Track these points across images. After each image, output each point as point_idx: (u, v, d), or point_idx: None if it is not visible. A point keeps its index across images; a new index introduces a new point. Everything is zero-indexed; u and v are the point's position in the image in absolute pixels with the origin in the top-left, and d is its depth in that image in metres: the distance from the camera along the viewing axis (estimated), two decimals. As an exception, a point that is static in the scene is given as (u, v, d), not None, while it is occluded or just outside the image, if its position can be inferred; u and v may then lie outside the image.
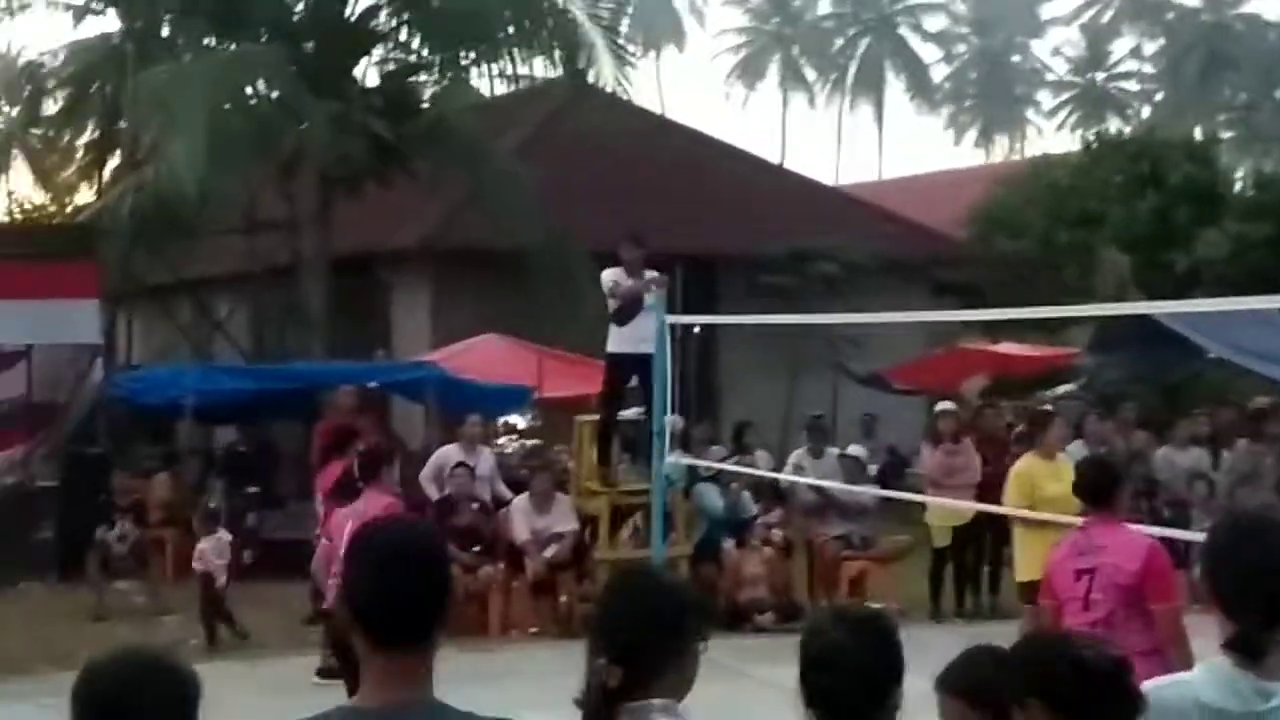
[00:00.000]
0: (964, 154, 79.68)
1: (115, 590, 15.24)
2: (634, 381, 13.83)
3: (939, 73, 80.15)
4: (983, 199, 31.17)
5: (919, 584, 14.96)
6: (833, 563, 14.81)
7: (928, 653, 3.70)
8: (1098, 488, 6.92)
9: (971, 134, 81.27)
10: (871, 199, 30.91)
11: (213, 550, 13.79)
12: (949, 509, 14.42)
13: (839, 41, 78.96)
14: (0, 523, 13.54)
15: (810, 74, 79.73)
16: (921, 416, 21.46)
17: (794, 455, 15.91)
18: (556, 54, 21.35)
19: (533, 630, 13.89)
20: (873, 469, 16.57)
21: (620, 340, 13.47)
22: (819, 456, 15.43)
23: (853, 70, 78.06)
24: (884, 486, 16.43)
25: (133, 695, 2.87)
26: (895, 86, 78.03)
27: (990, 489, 14.32)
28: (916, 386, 22.16)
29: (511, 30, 21.13)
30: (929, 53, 79.27)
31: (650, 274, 13.34)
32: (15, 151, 40.37)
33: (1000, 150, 79.43)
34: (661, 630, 3.44)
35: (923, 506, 15.06)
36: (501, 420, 19.09)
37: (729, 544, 14.50)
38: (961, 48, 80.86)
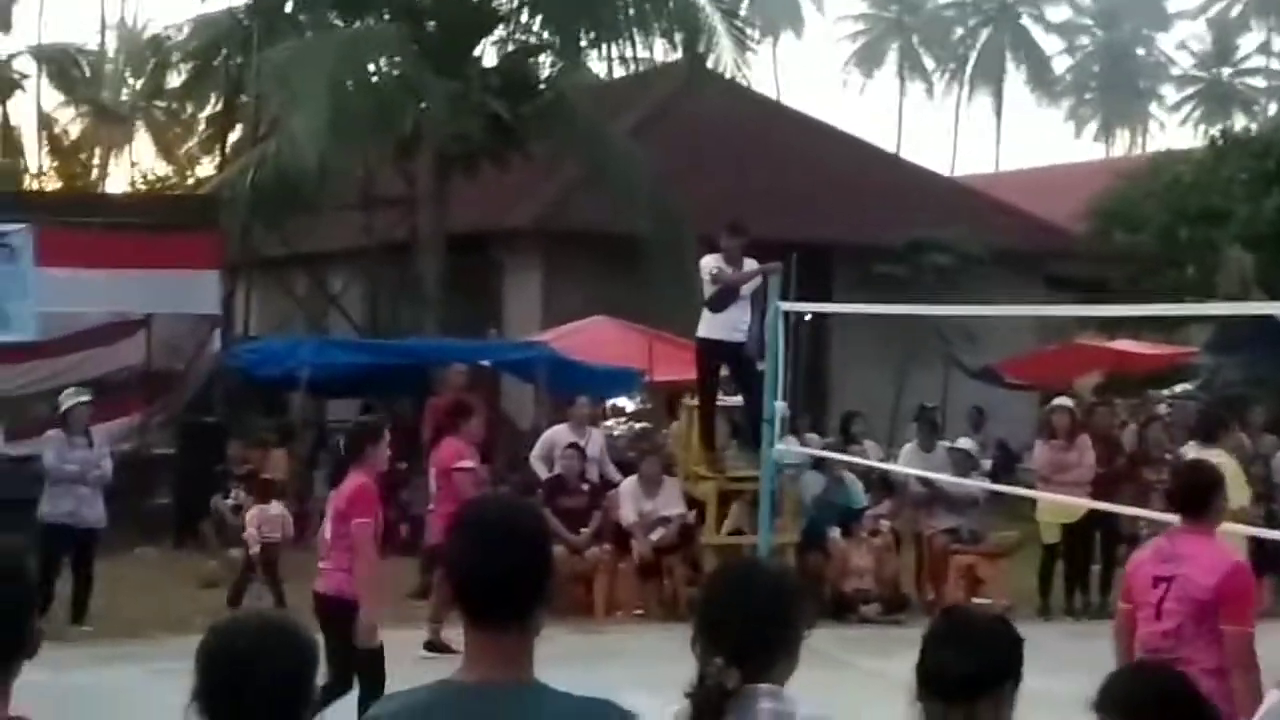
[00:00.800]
0: (1084, 147, 78.57)
1: (228, 557, 15.48)
2: (725, 370, 13.85)
3: (1061, 64, 79.14)
4: (1102, 193, 30.76)
5: (1028, 580, 14.82)
6: (941, 556, 14.71)
7: (1036, 650, 3.67)
8: (1189, 495, 6.59)
9: (1092, 127, 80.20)
10: (988, 190, 30.61)
11: (262, 521, 14.00)
12: (1060, 506, 14.26)
13: (959, 31, 78.16)
14: (117, 488, 13.75)
15: (929, 63, 79.01)
16: (1032, 411, 21.26)
17: (906, 448, 15.83)
18: (676, 37, 21.34)
19: (638, 612, 13.93)
20: (986, 463, 16.45)
21: (712, 326, 13.50)
22: (929, 450, 15.34)
23: (972, 60, 77.26)
24: (994, 481, 16.28)
25: (252, 658, 2.92)
26: (1015, 77, 77.15)
27: (1103, 487, 14.18)
28: (1028, 381, 21.95)
29: (632, 13, 21.13)
30: (1051, 44, 78.29)
31: (751, 262, 13.32)
32: (139, 123, 41.08)
33: (1121, 144, 78.32)
34: (772, 625, 3.46)
35: (1033, 502, 14.91)
36: (610, 402, 19.14)
37: (835, 533, 14.45)
38: (1085, 39, 79.75)
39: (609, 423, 17.75)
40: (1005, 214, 26.69)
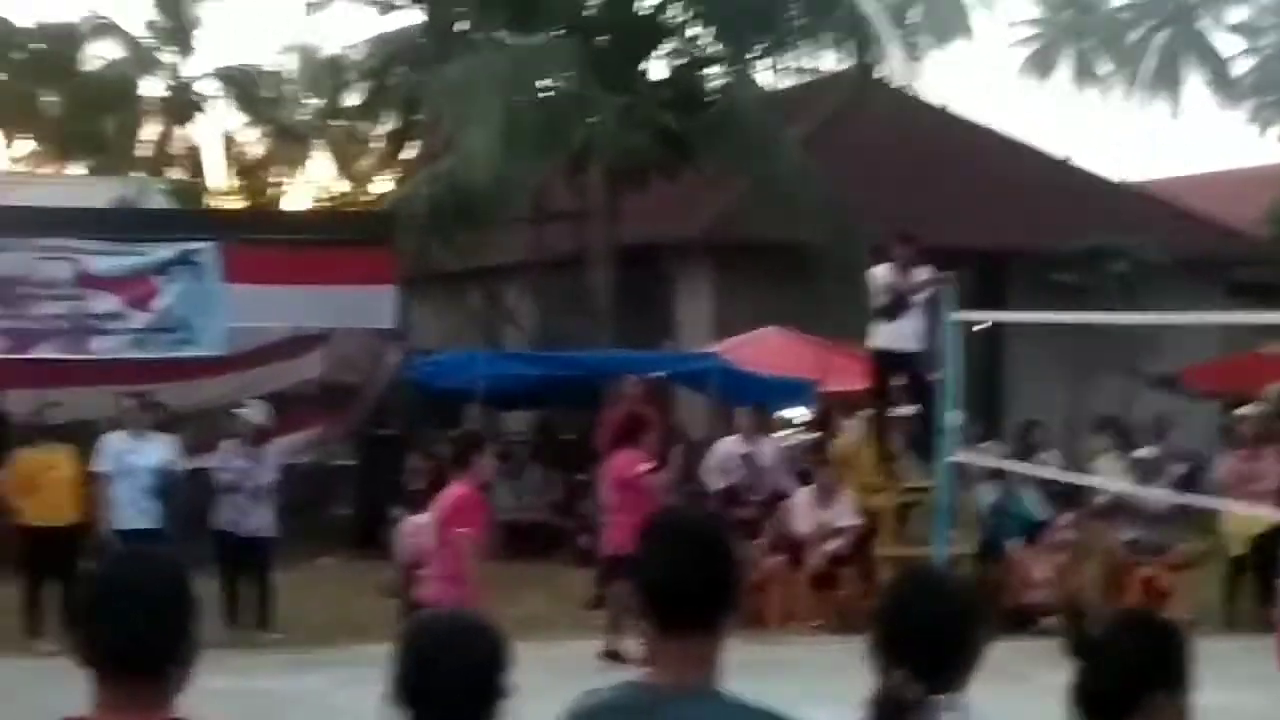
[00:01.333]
0: (1268, 149, 76.45)
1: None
2: (898, 379, 13.75)
3: (1242, 65, 77.14)
4: (1285, 197, 29.93)
5: (1213, 593, 14.46)
6: (1123, 568, 14.43)
7: (1220, 665, 3.56)
8: None
9: (1275, 129, 78.05)
10: (1167, 195, 29.95)
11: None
12: (1247, 517, 13.91)
13: (1135, 34, 76.63)
14: (299, 499, 14.10)
15: (1104, 67, 77.56)
16: (1216, 421, 20.73)
17: (1102, 458, 15.57)
18: (846, 47, 21.24)
19: (814, 624, 13.87)
20: (1175, 470, 16.12)
21: (886, 337, 13.41)
22: (1121, 457, 15.10)
23: (1149, 63, 75.69)
24: (1181, 492, 15.91)
25: (444, 652, 3.05)
26: (1194, 80, 75.36)
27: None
28: (1211, 390, 21.42)
29: (801, 23, 21.09)
30: (1231, 44, 76.35)
31: (923, 271, 13.21)
32: (318, 142, 41.91)
33: (1307, 147, 76.03)
34: (954, 636, 3.40)
35: (1219, 513, 14.56)
36: (781, 413, 19.08)
37: (1015, 545, 14.24)
38: (1267, 40, 77.68)
39: (780, 433, 17.65)
40: (1185, 219, 26.10)
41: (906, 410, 14.17)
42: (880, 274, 13.44)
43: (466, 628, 3.16)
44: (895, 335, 13.33)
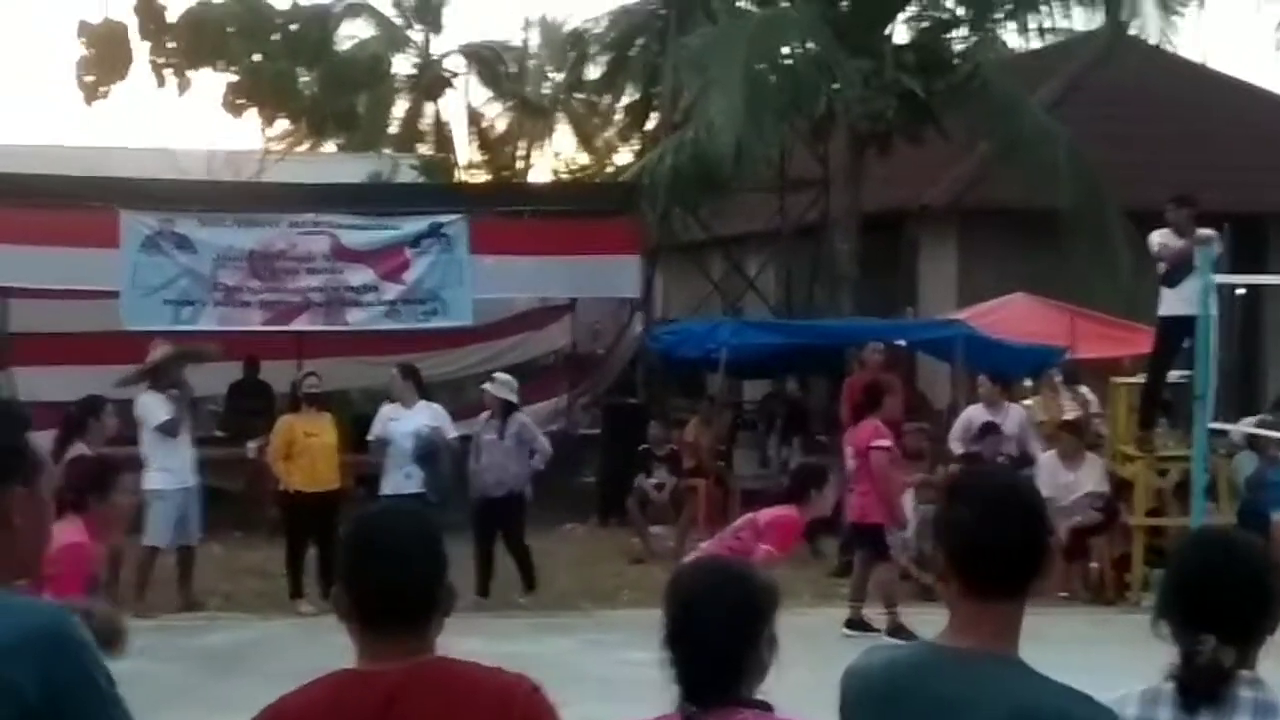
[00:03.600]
0: None
1: (653, 535, 15.91)
2: (1186, 344, 13.36)
3: None
4: None
5: None
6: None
7: None
8: None
9: None
10: None
11: None
12: None
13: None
14: (545, 468, 14.32)
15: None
16: None
17: None
18: (1097, 4, 20.66)
19: (1061, 595, 13.61)
20: None
21: (1171, 303, 13.02)
22: None
23: None
24: None
25: (716, 593, 3.19)
26: None
27: None
28: None
29: (1049, -19, 20.60)
30: None
31: (1203, 232, 12.79)
32: (560, 115, 42.44)
33: None
34: (1263, 603, 3.30)
35: None
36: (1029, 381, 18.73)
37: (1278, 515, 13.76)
38: None
39: (1027, 401, 17.30)
40: None
41: (1176, 375, 13.79)
42: (1154, 241, 13.07)
43: (732, 575, 3.28)
44: (1182, 300, 12.94)
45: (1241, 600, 3.26)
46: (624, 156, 34.79)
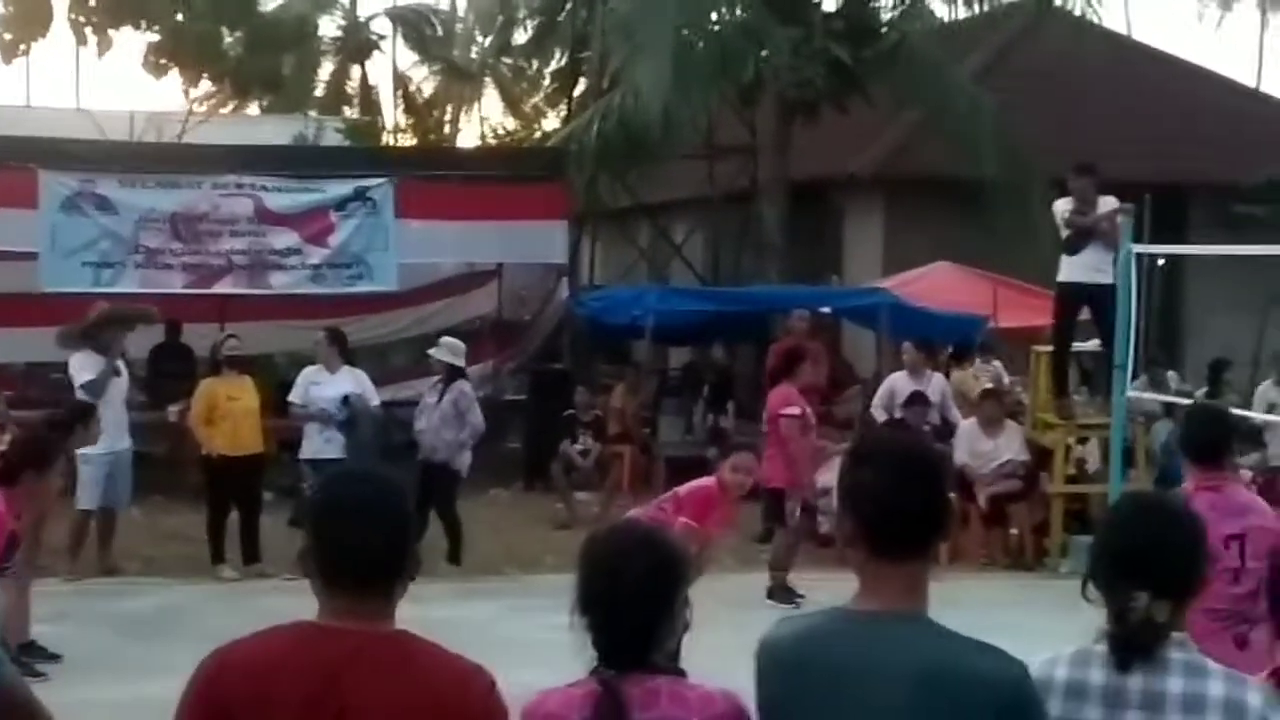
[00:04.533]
0: None
1: (577, 500, 15.92)
2: (1085, 314, 13.50)
3: None
4: None
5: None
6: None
7: None
8: (1212, 442, 5.91)
9: None
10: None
11: None
12: None
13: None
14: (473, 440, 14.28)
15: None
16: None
17: (1261, 388, 15.21)
18: (1022, -27, 20.80)
19: (982, 561, 13.75)
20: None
21: (1070, 269, 13.17)
22: None
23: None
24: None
25: (629, 558, 3.17)
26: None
27: None
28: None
29: (976, -50, 20.69)
30: None
31: (1107, 200, 12.92)
32: (488, 80, 42.23)
33: None
34: (1193, 561, 3.34)
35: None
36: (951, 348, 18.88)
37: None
38: None
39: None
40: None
41: (1088, 345, 13.94)
42: (1060, 208, 13.20)
43: (646, 539, 3.25)
44: (1081, 267, 13.06)
45: (1173, 556, 3.30)
46: (552, 122, 34.71)
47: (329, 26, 40.56)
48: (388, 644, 2.97)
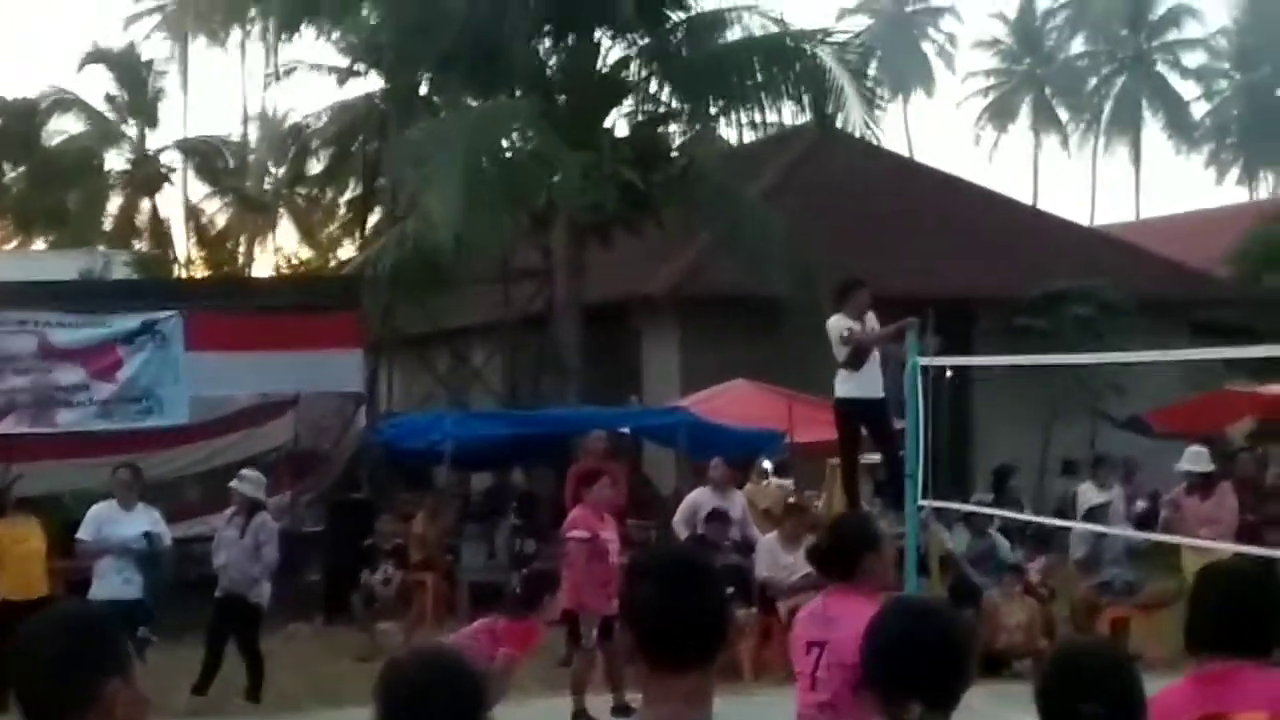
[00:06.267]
0: (1227, 193, 77.19)
1: (380, 631, 15.65)
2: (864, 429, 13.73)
3: (1199, 109, 77.84)
4: (1247, 236, 30.16)
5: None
6: (1091, 609, 14.45)
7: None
8: (835, 555, 5.87)
9: (1234, 172, 78.70)
10: (1129, 239, 30.19)
11: None
12: (1201, 555, 14.00)
13: (1093, 80, 77.29)
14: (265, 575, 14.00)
15: (1064, 114, 78.19)
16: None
17: (1083, 489, 15.68)
18: (805, 99, 21.36)
19: (787, 673, 13.80)
20: (1136, 510, 16.21)
21: (850, 386, 13.36)
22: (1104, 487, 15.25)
23: (1108, 109, 76.31)
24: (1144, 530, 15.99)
25: (426, 690, 3.06)
26: (1152, 125, 76.04)
27: (1250, 535, 13.89)
28: (1177, 431, 21.50)
29: (760, 78, 21.21)
30: (1188, 89, 77.07)
31: (872, 316, 13.15)
32: (282, 210, 41.98)
33: (1265, 188, 76.70)
34: (958, 666, 3.42)
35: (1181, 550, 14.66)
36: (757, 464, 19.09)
37: (992, 590, 14.26)
38: (1223, 83, 78.41)
39: (749, 486, 17.63)
40: (1148, 261, 26.30)
41: (873, 458, 14.17)
42: (837, 325, 13.37)
43: (447, 665, 3.17)
44: (861, 384, 13.28)
45: (940, 665, 3.36)
46: (348, 251, 34.53)
47: (117, 160, 40.07)
48: None
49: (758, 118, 21.99)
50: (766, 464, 17.46)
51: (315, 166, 33.83)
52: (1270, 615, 3.43)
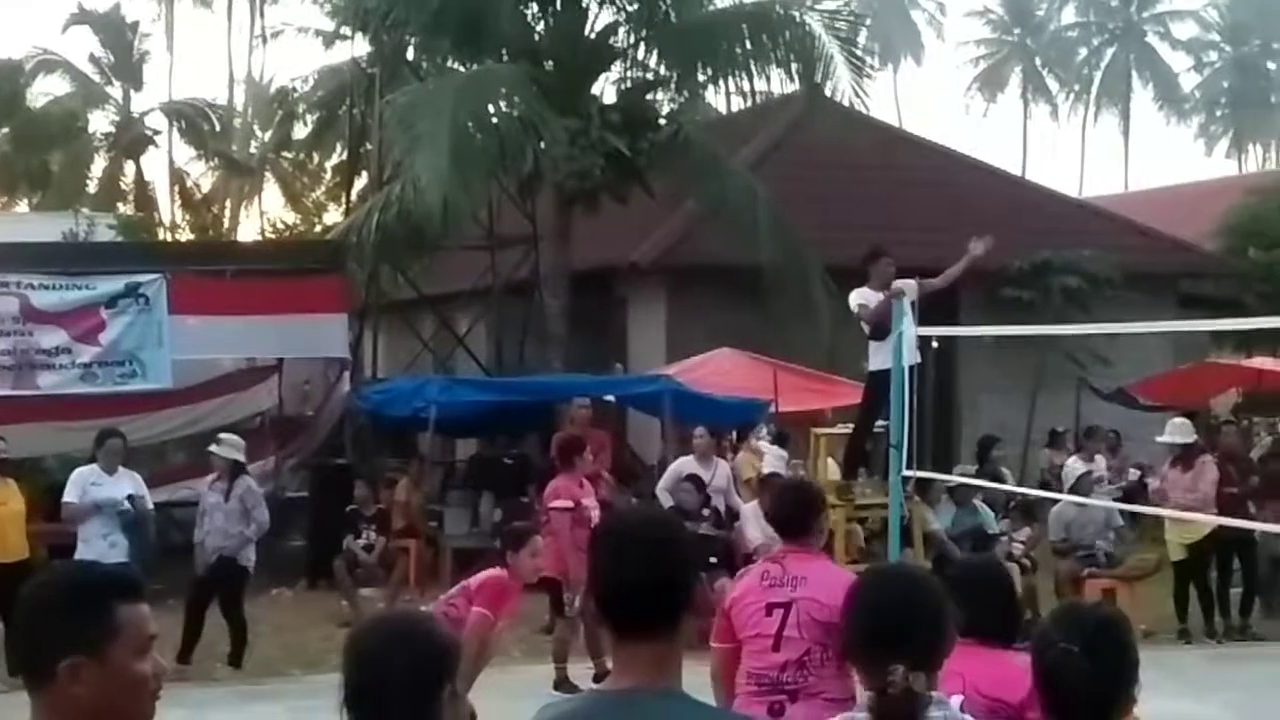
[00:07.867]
0: (1215, 165, 77.17)
1: (361, 597, 15.64)
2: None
3: (1189, 81, 77.83)
4: (1234, 210, 30.14)
5: (1168, 604, 14.54)
6: (1074, 581, 14.47)
7: (1178, 674, 3.61)
8: (798, 517, 6.15)
9: (1223, 144, 78.77)
10: (1117, 211, 30.15)
11: None
12: (1184, 526, 14.07)
13: (1083, 51, 77.22)
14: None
15: (1053, 85, 78.14)
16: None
17: (1070, 462, 15.68)
18: (793, 68, 21.25)
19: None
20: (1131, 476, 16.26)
21: (882, 359, 13.28)
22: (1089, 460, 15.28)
23: (1098, 80, 76.27)
24: (1129, 503, 16.04)
25: (391, 651, 3.11)
26: (1142, 96, 76.05)
27: (1234, 508, 13.92)
28: (1163, 402, 21.54)
29: (748, 45, 21.10)
30: (1178, 61, 77.04)
31: (896, 284, 13.07)
32: (267, 174, 41.84)
33: (1254, 161, 76.79)
34: (941, 629, 3.47)
35: (1164, 522, 14.73)
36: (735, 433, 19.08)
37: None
38: (1213, 55, 78.37)
39: (734, 455, 17.60)
40: (1135, 233, 26.26)
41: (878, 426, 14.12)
42: (853, 300, 13.29)
43: (410, 631, 3.20)
44: (887, 354, 13.19)
45: (923, 626, 3.41)
46: (334, 216, 34.47)
47: (101, 122, 39.88)
48: None
49: (746, 85, 21.86)
50: (764, 434, 17.39)
51: (301, 131, 33.77)
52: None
